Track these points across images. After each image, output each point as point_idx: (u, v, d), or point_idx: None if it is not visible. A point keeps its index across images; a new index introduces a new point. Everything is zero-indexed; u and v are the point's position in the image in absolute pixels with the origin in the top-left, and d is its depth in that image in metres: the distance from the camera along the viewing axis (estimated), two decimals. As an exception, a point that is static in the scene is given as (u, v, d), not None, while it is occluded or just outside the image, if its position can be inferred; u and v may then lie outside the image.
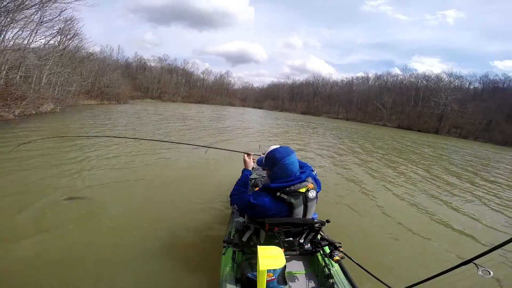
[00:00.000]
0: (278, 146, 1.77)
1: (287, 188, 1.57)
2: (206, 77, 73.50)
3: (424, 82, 47.24)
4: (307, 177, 1.65)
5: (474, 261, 1.21)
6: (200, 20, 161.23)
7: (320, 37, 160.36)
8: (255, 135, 13.20)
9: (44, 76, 15.07)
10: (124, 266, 2.26)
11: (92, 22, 43.35)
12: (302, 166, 1.91)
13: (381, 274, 1.59)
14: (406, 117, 43.80)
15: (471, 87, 46.18)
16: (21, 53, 12.37)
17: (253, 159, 2.23)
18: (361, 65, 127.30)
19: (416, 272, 2.52)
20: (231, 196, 1.88)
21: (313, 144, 11.65)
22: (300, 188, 1.58)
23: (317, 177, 1.89)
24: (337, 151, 10.25)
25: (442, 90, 42.10)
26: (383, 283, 1.52)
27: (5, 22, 11.38)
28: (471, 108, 37.82)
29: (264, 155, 1.81)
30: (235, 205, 1.76)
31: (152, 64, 63.88)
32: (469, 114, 37.50)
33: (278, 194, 1.57)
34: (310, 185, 1.62)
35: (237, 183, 1.98)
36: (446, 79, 45.47)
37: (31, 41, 14.04)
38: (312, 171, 1.89)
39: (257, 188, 1.93)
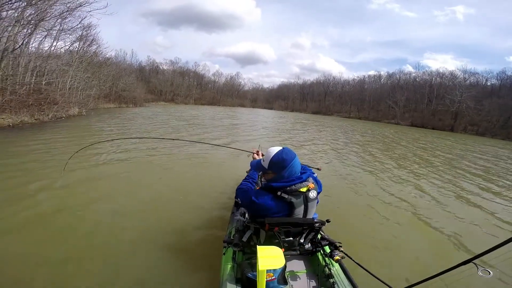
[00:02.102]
0: (280, 148, 1.72)
1: (288, 188, 1.57)
2: (217, 79, 74.68)
3: (438, 79, 46.25)
4: (308, 177, 1.66)
5: (474, 261, 1.21)
6: (209, 23, 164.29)
7: (329, 36, 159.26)
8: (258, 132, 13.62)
9: (68, 82, 16.03)
10: (124, 264, 2.28)
11: (105, 27, 44.71)
12: (303, 168, 1.96)
13: (381, 274, 1.60)
14: (419, 115, 42.96)
15: (488, 84, 44.78)
16: (45, 60, 13.31)
17: (261, 154, 2.20)
18: (373, 63, 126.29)
19: (416, 271, 2.53)
20: (237, 189, 1.84)
21: (314, 141, 11.91)
22: (301, 188, 1.58)
23: (318, 178, 1.90)
24: (336, 149, 10.26)
25: (457, 87, 41.08)
26: (383, 282, 1.53)
27: (29, 30, 12.27)
28: (487, 105, 36.73)
29: (262, 159, 1.78)
30: (238, 199, 1.76)
31: (165, 67, 65.69)
32: (486, 111, 36.42)
33: (279, 193, 1.58)
34: (311, 185, 1.62)
35: (245, 178, 1.95)
36: (461, 76, 44.39)
37: (53, 48, 15.09)
38: (313, 173, 1.89)
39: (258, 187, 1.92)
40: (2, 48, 10.25)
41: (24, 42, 11.92)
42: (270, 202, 1.58)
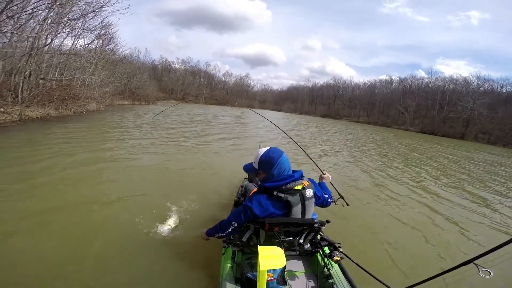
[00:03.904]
0: (267, 148, 1.77)
1: (283, 187, 1.59)
2: (227, 80, 75.56)
3: (451, 85, 45.58)
4: (301, 176, 1.68)
5: (474, 262, 1.20)
6: (220, 24, 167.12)
7: (340, 39, 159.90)
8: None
9: (87, 78, 16.78)
10: (122, 261, 2.27)
11: (120, 25, 45.49)
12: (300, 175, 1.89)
13: (381, 274, 1.60)
14: (430, 121, 42.38)
15: (504, 91, 43.72)
16: (68, 57, 14.03)
17: None
18: (384, 68, 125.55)
19: (416, 272, 2.54)
20: (221, 224, 1.82)
21: (317, 143, 12.11)
22: (295, 186, 1.60)
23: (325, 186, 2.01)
24: (336, 150, 10.39)
25: (470, 94, 40.46)
26: (383, 283, 1.52)
27: (53, 29, 12.97)
28: (501, 113, 36.05)
29: (253, 160, 1.81)
30: (233, 223, 1.70)
31: (176, 66, 66.88)
32: (499, 119, 35.74)
33: (275, 193, 1.60)
34: (305, 183, 1.65)
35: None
36: (475, 82, 43.61)
37: (75, 46, 15.83)
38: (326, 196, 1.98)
39: (252, 192, 1.96)
40: (30, 46, 10.98)
41: (51, 40, 12.66)
42: (266, 201, 1.61)
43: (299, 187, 1.61)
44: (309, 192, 1.65)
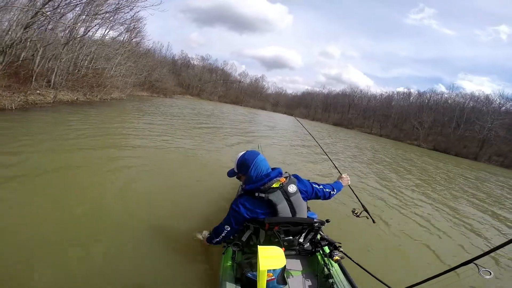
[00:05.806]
0: (244, 151, 1.85)
1: (262, 187, 1.64)
2: (242, 79, 76.46)
3: (472, 103, 44.06)
4: (279, 173, 1.73)
5: (475, 262, 1.20)
6: (241, 24, 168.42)
7: (360, 48, 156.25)
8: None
9: (113, 68, 17.72)
10: (121, 260, 2.23)
11: (147, 19, 46.29)
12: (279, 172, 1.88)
13: (381, 274, 1.60)
14: (444, 139, 41.44)
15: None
16: (99, 47, 14.92)
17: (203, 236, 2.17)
18: (405, 80, 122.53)
19: (416, 272, 2.56)
20: (215, 230, 1.87)
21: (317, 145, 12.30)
22: (272, 184, 1.65)
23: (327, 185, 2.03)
24: (337, 151, 10.72)
25: (489, 113, 39.23)
26: (383, 283, 1.52)
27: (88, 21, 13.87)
28: (519, 136, 34.95)
29: (233, 168, 1.87)
30: (225, 227, 1.74)
31: (195, 63, 68.23)
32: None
33: (256, 194, 1.65)
34: (282, 179, 1.68)
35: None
36: (497, 101, 41.79)
37: (103, 37, 16.73)
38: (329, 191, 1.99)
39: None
40: (67, 35, 11.85)
41: (85, 31, 13.58)
42: (249, 203, 1.67)
43: (276, 185, 1.66)
44: (291, 188, 1.68)
